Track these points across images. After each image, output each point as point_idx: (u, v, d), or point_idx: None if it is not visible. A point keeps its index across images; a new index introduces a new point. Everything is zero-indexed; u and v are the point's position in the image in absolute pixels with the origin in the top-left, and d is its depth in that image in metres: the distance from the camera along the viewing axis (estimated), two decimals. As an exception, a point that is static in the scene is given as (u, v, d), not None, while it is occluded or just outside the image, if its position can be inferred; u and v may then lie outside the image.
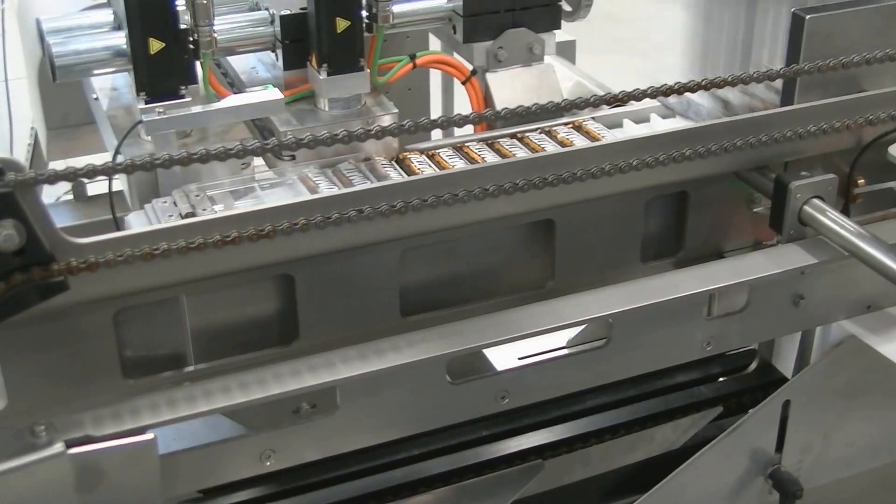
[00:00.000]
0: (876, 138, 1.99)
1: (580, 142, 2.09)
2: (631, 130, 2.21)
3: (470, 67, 2.30)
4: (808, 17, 1.94)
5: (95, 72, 2.06)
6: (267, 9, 2.15)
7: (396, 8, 2.17)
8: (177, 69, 1.96)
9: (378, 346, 1.70)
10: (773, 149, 1.90)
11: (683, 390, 2.43)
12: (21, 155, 3.16)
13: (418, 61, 2.26)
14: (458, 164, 2.02)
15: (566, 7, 2.37)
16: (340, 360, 1.68)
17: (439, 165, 2.04)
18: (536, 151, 2.04)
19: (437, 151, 2.08)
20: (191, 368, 1.74)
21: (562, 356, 1.93)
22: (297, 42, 2.11)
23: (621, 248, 1.96)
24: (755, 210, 2.01)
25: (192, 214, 1.85)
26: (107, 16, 2.12)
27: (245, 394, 1.62)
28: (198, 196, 1.91)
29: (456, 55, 2.38)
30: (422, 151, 2.08)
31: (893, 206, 2.12)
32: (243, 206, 1.87)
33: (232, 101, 1.99)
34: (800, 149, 1.95)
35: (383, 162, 2.05)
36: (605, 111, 2.20)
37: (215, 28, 2.02)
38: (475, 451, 2.25)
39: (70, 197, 2.99)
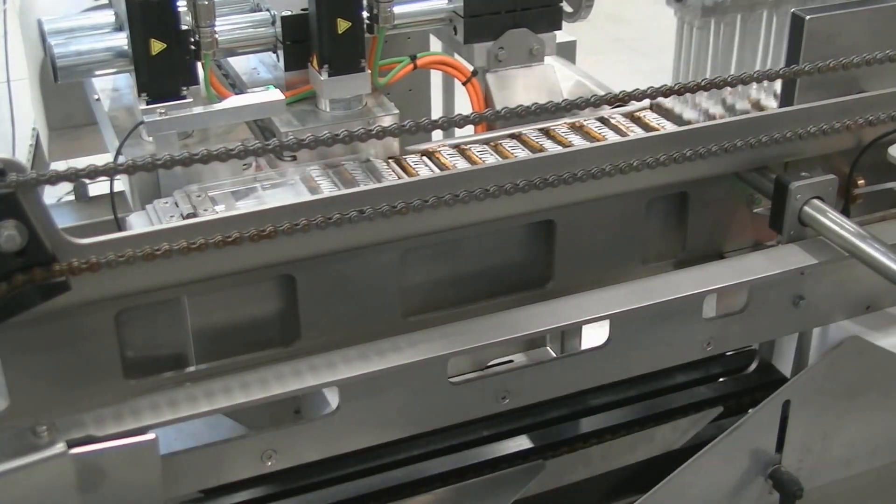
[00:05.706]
0: (876, 139, 2.00)
1: (581, 141, 2.09)
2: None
3: (470, 68, 2.30)
4: (808, 17, 1.94)
5: (97, 73, 2.06)
6: (268, 10, 2.15)
7: (397, 9, 2.17)
8: (178, 70, 1.97)
9: (379, 346, 1.71)
10: (774, 149, 1.90)
11: (684, 390, 2.43)
12: (23, 155, 3.18)
13: (419, 62, 2.26)
14: (458, 164, 2.02)
15: (567, 8, 2.37)
16: (341, 361, 1.68)
17: (439, 164, 2.04)
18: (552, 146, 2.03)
19: (437, 150, 2.08)
20: (192, 369, 1.74)
21: (562, 356, 1.93)
22: (299, 43, 2.11)
23: (622, 248, 1.96)
24: (755, 211, 2.01)
25: (194, 215, 1.85)
26: (108, 17, 2.12)
27: (246, 394, 1.62)
28: (199, 196, 1.91)
29: (457, 56, 2.38)
30: (421, 152, 2.09)
31: (893, 207, 2.13)
32: (244, 206, 1.87)
33: (233, 101, 1.99)
34: (800, 149, 1.95)
35: (383, 163, 2.05)
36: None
37: (216, 29, 2.02)
38: (475, 451, 2.25)
39: (71, 197, 3.01)
